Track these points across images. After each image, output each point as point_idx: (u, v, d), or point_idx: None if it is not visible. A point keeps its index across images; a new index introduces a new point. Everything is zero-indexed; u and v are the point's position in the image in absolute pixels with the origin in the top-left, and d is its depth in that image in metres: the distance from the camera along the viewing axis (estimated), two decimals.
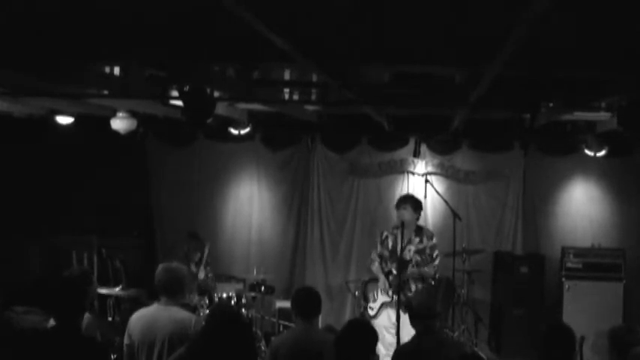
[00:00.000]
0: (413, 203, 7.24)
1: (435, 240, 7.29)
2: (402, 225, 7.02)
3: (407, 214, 7.14)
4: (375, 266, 7.40)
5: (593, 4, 3.38)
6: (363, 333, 4.23)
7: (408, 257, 7.17)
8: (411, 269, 7.13)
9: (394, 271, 7.14)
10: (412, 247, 7.19)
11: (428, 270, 7.16)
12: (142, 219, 9.73)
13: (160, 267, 4.91)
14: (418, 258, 7.17)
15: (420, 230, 7.29)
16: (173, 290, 4.80)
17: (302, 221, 9.59)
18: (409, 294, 7.06)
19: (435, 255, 7.21)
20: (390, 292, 7.15)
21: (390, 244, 7.31)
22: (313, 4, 3.44)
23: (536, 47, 4.01)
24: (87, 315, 4.74)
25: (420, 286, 7.19)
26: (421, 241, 7.22)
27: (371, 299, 7.35)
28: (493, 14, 3.43)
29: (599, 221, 9.18)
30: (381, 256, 7.38)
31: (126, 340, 4.74)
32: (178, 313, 4.73)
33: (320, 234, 9.48)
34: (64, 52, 4.65)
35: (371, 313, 7.32)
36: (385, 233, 7.44)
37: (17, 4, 3.78)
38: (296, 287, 7.07)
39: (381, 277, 7.28)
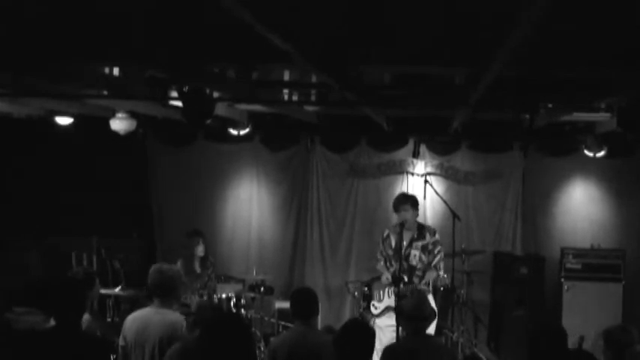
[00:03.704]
0: (411, 202, 7.18)
1: (437, 236, 7.23)
2: (402, 225, 7.04)
3: (408, 214, 7.10)
4: (381, 265, 7.32)
5: (593, 4, 3.38)
6: (360, 333, 4.25)
7: (413, 263, 7.10)
8: (416, 279, 7.05)
9: (406, 279, 7.03)
10: (417, 252, 7.11)
11: (430, 274, 7.14)
12: (141, 220, 9.73)
13: (152, 268, 4.94)
14: (424, 258, 7.10)
15: (422, 228, 7.23)
16: (165, 292, 4.81)
17: (301, 222, 9.59)
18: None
19: (436, 251, 7.14)
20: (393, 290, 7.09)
21: (393, 242, 7.22)
22: (313, 4, 3.44)
23: (535, 47, 4.00)
24: (87, 316, 4.75)
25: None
26: (424, 238, 7.15)
27: (376, 298, 7.27)
28: (493, 14, 3.43)
29: (598, 222, 9.18)
30: (384, 255, 7.33)
31: (121, 342, 4.77)
32: (169, 316, 4.73)
33: (319, 234, 9.48)
34: (63, 53, 4.64)
35: (375, 311, 7.23)
36: (387, 232, 7.35)
37: (17, 5, 3.77)
38: (295, 288, 7.05)
39: (385, 273, 7.17)
